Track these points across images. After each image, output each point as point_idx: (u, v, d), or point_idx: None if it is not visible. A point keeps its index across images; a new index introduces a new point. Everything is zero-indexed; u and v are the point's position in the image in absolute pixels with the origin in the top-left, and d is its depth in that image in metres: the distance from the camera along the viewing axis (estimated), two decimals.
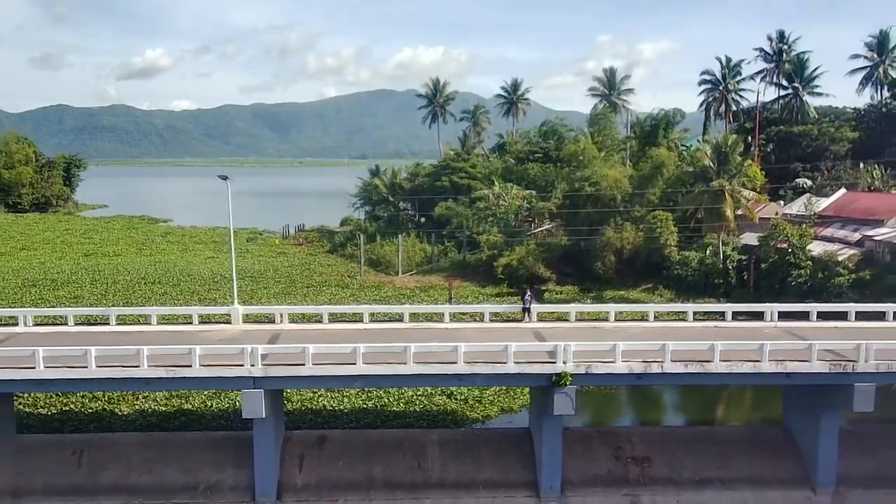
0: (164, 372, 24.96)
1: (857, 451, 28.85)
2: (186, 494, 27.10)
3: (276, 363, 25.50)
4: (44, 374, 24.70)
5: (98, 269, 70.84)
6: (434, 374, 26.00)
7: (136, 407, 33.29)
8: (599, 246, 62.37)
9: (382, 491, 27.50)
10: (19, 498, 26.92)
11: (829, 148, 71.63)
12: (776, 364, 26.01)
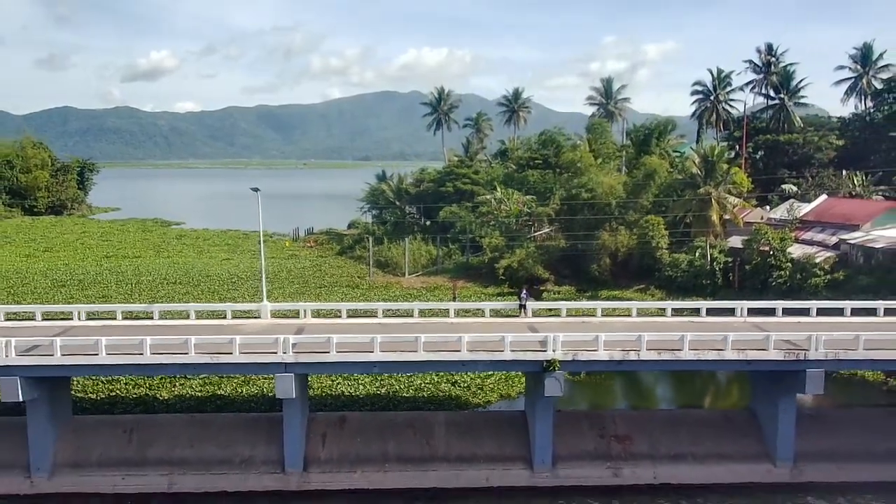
0: (209, 358, 29.09)
1: (814, 432, 32.80)
2: (224, 467, 31.16)
3: (304, 351, 29.59)
4: (105, 360, 28.83)
5: (120, 271, 75.00)
6: (441, 361, 30.09)
7: (174, 392, 37.44)
8: (595, 249, 66.36)
9: (395, 464, 31.53)
10: (78, 469, 31.01)
11: (814, 156, 75.59)
12: (738, 353, 30.04)
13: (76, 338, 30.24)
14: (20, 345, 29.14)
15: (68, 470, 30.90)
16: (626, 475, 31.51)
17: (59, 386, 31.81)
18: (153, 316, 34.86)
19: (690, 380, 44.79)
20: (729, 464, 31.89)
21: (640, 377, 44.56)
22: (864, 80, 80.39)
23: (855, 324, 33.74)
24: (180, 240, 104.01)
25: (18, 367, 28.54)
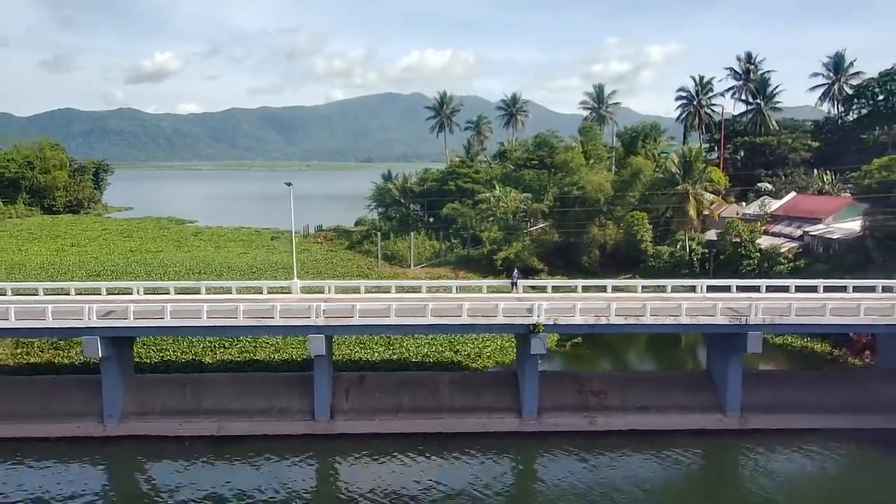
0: (255, 321, 35.52)
1: (759, 389, 39.18)
2: (264, 415, 37.55)
3: (332, 316, 35.99)
4: (170, 322, 35.27)
5: (147, 262, 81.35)
6: (445, 325, 36.50)
7: (216, 358, 43.87)
8: (585, 242, 72.79)
9: (407, 413, 37.91)
10: (143, 416, 37.42)
11: (788, 156, 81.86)
12: (691, 318, 36.42)
13: (145, 304, 36.68)
14: (99, 309, 35.58)
15: (134, 417, 37.30)
16: (600, 423, 37.83)
17: (127, 347, 38.23)
18: (200, 291, 41.25)
19: (660, 349, 51.39)
20: (687, 414, 38.20)
21: (617, 350, 51.04)
22: (836, 86, 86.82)
23: (792, 297, 40.04)
24: (197, 236, 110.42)
25: (99, 328, 34.97)
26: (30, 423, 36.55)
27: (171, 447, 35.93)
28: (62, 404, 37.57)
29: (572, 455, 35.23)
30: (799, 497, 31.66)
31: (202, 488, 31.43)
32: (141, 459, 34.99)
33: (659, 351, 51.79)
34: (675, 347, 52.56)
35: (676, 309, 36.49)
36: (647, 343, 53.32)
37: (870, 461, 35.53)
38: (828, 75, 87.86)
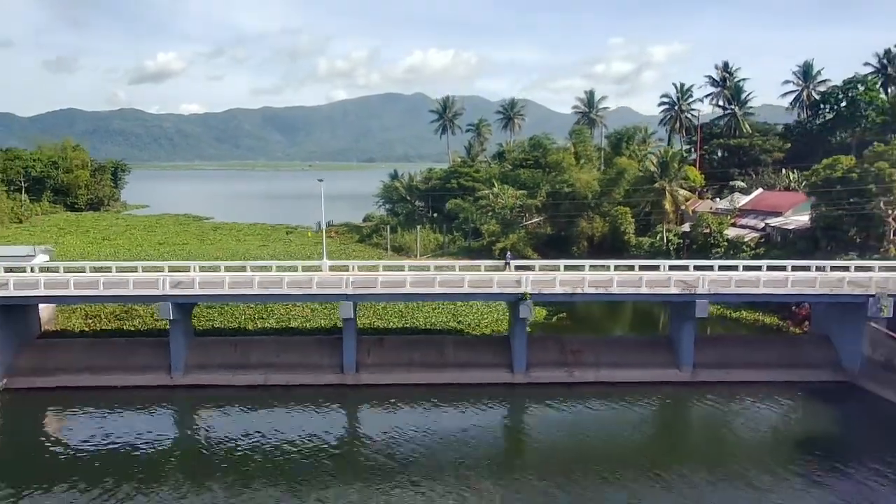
0: (297, 290, 44.12)
1: (708, 349, 47.67)
2: (302, 369, 46.03)
3: (359, 286, 44.57)
4: (228, 291, 43.88)
5: (176, 254, 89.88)
6: (450, 293, 45.09)
7: (258, 326, 52.51)
8: (575, 234, 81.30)
9: (418, 367, 46.40)
10: (202, 369, 45.91)
11: (760, 157, 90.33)
12: (649, 288, 44.97)
13: (208, 276, 45.31)
14: (171, 281, 44.23)
15: (196, 370, 45.84)
16: (577, 375, 46.31)
17: (188, 313, 46.82)
18: (246, 269, 49.81)
19: (631, 322, 59.96)
20: (648, 369, 46.70)
21: (595, 322, 59.70)
22: (805, 92, 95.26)
23: (734, 273, 48.45)
24: (216, 231, 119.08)
25: (171, 295, 43.57)
26: (111, 374, 45.10)
27: (225, 394, 44.43)
28: (136, 360, 46.15)
29: (554, 401, 43.65)
30: (739, 431, 40.16)
31: (251, 427, 39.67)
32: (200, 404, 43.46)
33: (630, 322, 60.44)
34: (644, 319, 61.25)
35: (639, 281, 45.08)
36: (620, 317, 62.04)
37: (798, 405, 44.03)
38: (797, 83, 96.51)
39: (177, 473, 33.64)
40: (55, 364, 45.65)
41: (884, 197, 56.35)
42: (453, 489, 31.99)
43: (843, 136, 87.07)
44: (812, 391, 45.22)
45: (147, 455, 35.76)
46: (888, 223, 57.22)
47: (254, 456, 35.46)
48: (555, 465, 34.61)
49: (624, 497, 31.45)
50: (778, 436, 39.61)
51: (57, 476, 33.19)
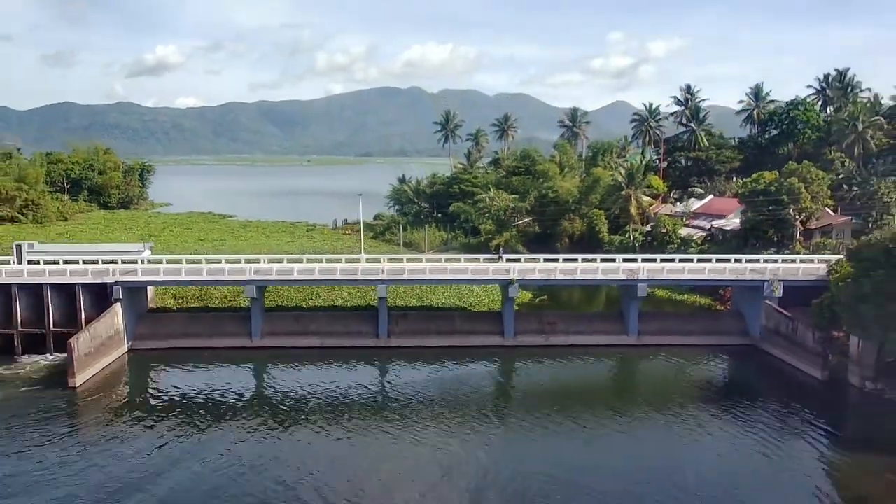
0: (346, 276, 61.05)
1: (651, 320, 64.54)
2: (348, 335, 62.79)
3: (391, 273, 61.46)
4: (297, 276, 60.78)
5: (219, 249, 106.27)
6: (457, 279, 62.12)
7: (311, 303, 69.35)
8: (558, 232, 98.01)
9: (434, 334, 63.08)
10: (274, 335, 62.64)
11: (715, 167, 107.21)
12: (604, 275, 61.98)
13: (281, 265, 62.18)
14: (255, 269, 61.11)
15: (269, 336, 62.57)
16: (551, 340, 63.12)
17: (263, 293, 63.62)
18: (302, 261, 66.52)
19: (593, 299, 77.04)
20: (605, 335, 63.51)
21: (568, 303, 76.63)
22: (756, 111, 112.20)
23: (668, 264, 65.30)
24: (245, 228, 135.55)
25: (254, 280, 60.37)
26: (205, 339, 61.80)
27: (291, 353, 61.05)
28: (224, 328, 62.94)
29: (534, 359, 60.39)
30: (671, 379, 57.08)
31: (311, 376, 56.17)
32: (273, 360, 60.07)
33: (593, 302, 77.52)
34: (603, 299, 78.30)
35: (596, 270, 62.09)
36: (586, 298, 78.94)
37: (715, 362, 60.88)
38: (749, 102, 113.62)
39: (255, 408, 49.78)
40: (163, 331, 62.41)
41: (793, 206, 73.18)
42: (461, 418, 48.55)
43: (786, 149, 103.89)
44: (726, 351, 62.19)
45: (234, 395, 52.15)
46: (796, 226, 74.15)
47: (312, 396, 51.96)
48: (535, 403, 51.14)
49: (588, 424, 47.46)
50: (699, 383, 56.55)
51: (169, 410, 49.46)
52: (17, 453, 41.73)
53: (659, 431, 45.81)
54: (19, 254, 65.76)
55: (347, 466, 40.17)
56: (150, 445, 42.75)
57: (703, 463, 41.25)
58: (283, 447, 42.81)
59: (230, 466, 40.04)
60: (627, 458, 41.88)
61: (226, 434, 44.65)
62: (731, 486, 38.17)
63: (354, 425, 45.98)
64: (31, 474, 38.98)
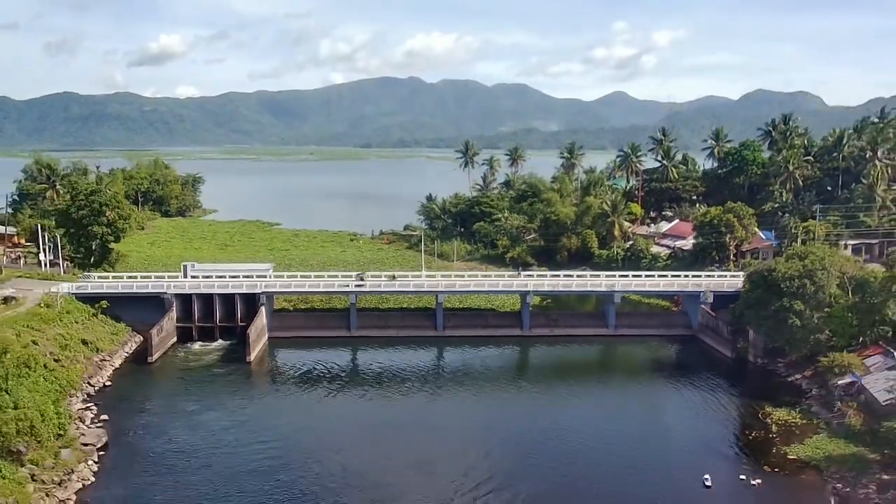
0: (417, 288, 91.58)
1: (624, 317, 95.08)
2: (416, 327, 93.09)
3: (445, 286, 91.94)
4: (380, 288, 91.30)
5: (292, 258, 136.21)
6: (492, 290, 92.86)
7: (383, 306, 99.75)
8: (559, 247, 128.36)
9: (475, 327, 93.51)
10: (365, 328, 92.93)
11: (682, 196, 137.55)
12: (592, 287, 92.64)
13: (369, 280, 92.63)
14: (350, 282, 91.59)
15: (361, 328, 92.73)
16: (556, 332, 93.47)
17: (357, 299, 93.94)
18: (381, 276, 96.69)
19: (584, 303, 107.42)
20: (592, 328, 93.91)
21: (567, 305, 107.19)
22: (716, 149, 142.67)
23: (636, 278, 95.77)
24: (298, 237, 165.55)
25: (353, 291, 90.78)
26: (316, 330, 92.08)
27: (377, 341, 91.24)
28: (328, 323, 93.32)
29: (543, 344, 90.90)
30: (637, 358, 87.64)
31: (390, 357, 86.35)
32: (365, 346, 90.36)
33: (584, 305, 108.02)
34: (593, 303, 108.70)
35: (586, 283, 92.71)
36: (579, 302, 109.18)
37: (667, 346, 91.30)
38: (710, 143, 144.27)
39: (354, 376, 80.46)
40: (288, 325, 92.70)
41: (729, 234, 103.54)
42: (493, 386, 79.01)
43: (738, 181, 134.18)
44: (675, 339, 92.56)
45: (339, 368, 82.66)
46: (730, 249, 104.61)
47: (392, 368, 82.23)
48: (543, 377, 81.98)
49: (578, 390, 77.74)
50: (656, 360, 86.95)
51: (303, 375, 79.96)
52: (230, 397, 72.24)
53: (625, 392, 76.64)
54: (185, 271, 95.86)
55: (419, 414, 70.50)
56: (295, 392, 73.38)
57: (652, 409, 71.61)
58: (374, 401, 72.83)
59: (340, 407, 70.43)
60: (604, 411, 72.04)
61: (336, 390, 74.70)
62: (669, 423, 68.48)
63: (422, 388, 76.19)
64: (241, 409, 69.60)
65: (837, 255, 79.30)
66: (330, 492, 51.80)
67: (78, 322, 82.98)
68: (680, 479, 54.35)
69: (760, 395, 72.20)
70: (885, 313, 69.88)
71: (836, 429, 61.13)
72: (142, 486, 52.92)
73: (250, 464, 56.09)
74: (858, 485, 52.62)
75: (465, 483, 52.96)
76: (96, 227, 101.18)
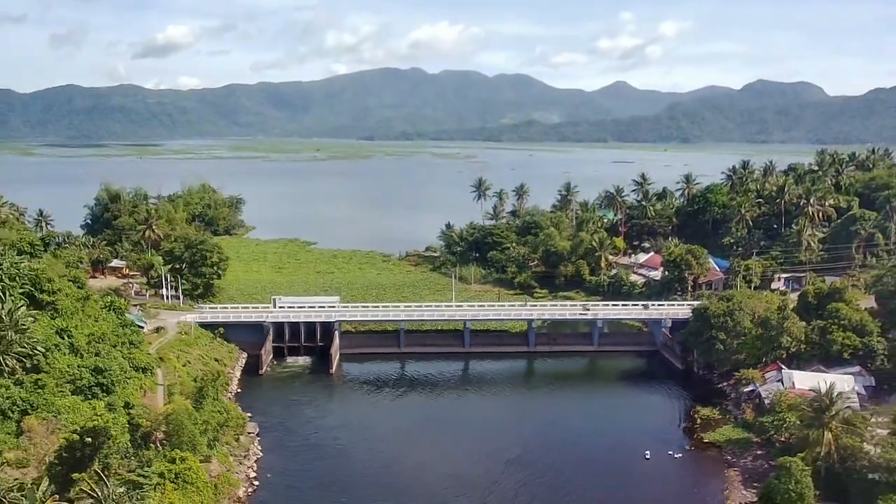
0: (449, 316, 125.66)
1: (607, 336, 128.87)
2: (447, 345, 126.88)
3: (471, 314, 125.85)
4: (425, 317, 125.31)
5: (337, 281, 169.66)
6: (507, 318, 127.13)
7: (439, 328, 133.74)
8: (557, 274, 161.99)
9: (492, 344, 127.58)
10: (411, 345, 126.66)
11: (657, 230, 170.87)
12: (581, 315, 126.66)
13: (418, 309, 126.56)
14: (404, 310, 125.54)
15: (408, 346, 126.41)
16: (554, 348, 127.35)
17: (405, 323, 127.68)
18: (431, 305, 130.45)
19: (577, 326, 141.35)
20: (580, 345, 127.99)
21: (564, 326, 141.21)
22: (687, 190, 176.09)
23: (612, 307, 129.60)
24: (336, 259, 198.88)
25: (402, 319, 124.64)
26: (375, 348, 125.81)
27: (420, 355, 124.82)
28: (384, 342, 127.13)
29: (546, 358, 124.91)
30: (613, 368, 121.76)
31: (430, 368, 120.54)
32: (411, 359, 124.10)
33: (577, 326, 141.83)
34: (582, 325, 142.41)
35: (576, 311, 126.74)
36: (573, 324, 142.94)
37: (637, 359, 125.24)
38: (682, 185, 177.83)
39: (406, 383, 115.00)
40: (353, 344, 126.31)
41: (688, 270, 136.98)
42: (508, 391, 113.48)
43: (703, 217, 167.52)
44: (643, 354, 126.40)
45: (393, 378, 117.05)
46: (688, 282, 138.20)
47: (433, 376, 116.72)
48: (544, 382, 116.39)
49: (571, 393, 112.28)
50: (628, 369, 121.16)
51: (370, 382, 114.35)
52: (325, 397, 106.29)
53: (602, 395, 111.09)
54: (274, 303, 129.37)
55: (453, 409, 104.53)
56: (366, 393, 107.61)
57: (619, 407, 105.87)
58: (421, 400, 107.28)
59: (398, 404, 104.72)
60: (585, 409, 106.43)
61: (394, 392, 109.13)
62: (629, 417, 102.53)
63: (454, 391, 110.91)
64: (334, 405, 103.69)
65: (753, 298, 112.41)
66: (400, 452, 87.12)
67: (206, 345, 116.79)
68: (630, 454, 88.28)
69: (696, 397, 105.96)
70: (780, 342, 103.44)
71: (737, 422, 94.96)
72: (292, 456, 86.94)
73: (356, 443, 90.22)
74: (741, 457, 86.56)
75: (488, 450, 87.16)
76: (204, 268, 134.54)
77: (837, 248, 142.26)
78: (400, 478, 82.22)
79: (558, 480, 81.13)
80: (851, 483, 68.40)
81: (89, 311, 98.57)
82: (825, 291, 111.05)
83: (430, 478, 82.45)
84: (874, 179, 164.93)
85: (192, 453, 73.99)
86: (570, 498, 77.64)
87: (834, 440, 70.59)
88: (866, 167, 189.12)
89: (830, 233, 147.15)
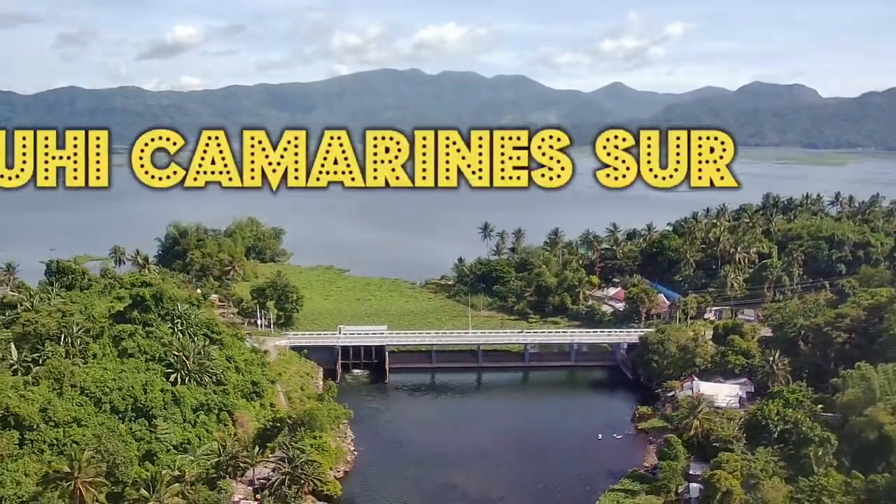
0: (468, 341, 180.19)
1: (581, 354, 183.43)
2: (464, 361, 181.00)
3: (485, 341, 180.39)
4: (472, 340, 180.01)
5: (376, 309, 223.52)
6: (511, 342, 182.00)
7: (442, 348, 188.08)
8: (548, 303, 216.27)
9: (502, 361, 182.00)
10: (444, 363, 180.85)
11: (625, 269, 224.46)
12: (562, 340, 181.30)
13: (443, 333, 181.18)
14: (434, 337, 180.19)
15: (438, 361, 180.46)
16: (543, 363, 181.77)
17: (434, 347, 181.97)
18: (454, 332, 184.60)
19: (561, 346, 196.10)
20: (562, 361, 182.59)
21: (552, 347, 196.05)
22: (649, 236, 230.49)
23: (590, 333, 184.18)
24: (370, 287, 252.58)
25: (434, 343, 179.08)
26: (413, 363, 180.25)
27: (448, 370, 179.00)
28: (420, 359, 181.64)
29: (537, 371, 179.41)
30: (586, 378, 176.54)
31: (454, 379, 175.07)
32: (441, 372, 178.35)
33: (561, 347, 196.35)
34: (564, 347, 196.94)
35: (560, 337, 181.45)
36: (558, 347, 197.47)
37: (601, 373, 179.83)
38: (645, 231, 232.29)
39: (436, 390, 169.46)
40: (400, 360, 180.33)
41: (641, 305, 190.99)
42: (509, 394, 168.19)
43: (661, 258, 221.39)
44: (606, 368, 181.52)
45: (427, 386, 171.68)
46: (643, 314, 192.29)
47: (454, 386, 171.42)
48: (535, 389, 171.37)
49: (552, 396, 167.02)
50: (595, 379, 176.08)
51: (416, 390, 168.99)
52: (386, 400, 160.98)
53: (574, 397, 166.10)
54: (340, 331, 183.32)
55: (471, 408, 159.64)
56: (411, 396, 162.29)
57: (584, 406, 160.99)
58: (448, 401, 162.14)
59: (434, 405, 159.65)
60: (561, 408, 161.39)
61: (431, 396, 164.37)
62: (589, 413, 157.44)
63: (472, 396, 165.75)
64: (394, 405, 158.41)
65: (679, 331, 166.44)
66: (436, 444, 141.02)
67: (296, 362, 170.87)
68: (586, 436, 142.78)
69: (640, 400, 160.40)
70: (694, 361, 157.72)
71: (661, 416, 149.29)
72: (373, 437, 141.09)
73: (410, 427, 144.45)
74: (658, 438, 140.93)
75: (496, 433, 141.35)
76: (287, 304, 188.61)
77: (754, 288, 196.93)
78: (443, 448, 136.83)
79: (542, 450, 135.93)
80: (709, 448, 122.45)
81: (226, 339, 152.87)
82: (730, 326, 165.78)
83: (459, 448, 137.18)
84: (791, 230, 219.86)
85: (322, 434, 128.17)
86: (549, 458, 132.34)
87: (700, 424, 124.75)
88: (791, 217, 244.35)
89: (751, 275, 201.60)
